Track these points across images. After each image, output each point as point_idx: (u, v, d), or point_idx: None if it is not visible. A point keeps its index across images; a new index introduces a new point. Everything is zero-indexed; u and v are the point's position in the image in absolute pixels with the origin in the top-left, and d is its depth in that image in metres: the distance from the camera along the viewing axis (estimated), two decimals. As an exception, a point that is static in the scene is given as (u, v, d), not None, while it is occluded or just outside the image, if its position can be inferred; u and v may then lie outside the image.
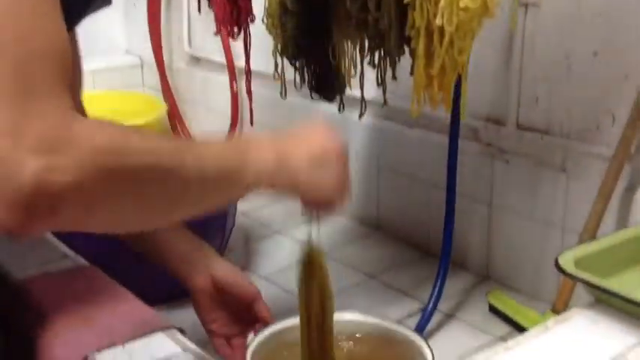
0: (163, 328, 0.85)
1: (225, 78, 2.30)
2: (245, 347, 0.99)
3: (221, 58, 2.30)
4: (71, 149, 0.51)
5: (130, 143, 0.57)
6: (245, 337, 1.00)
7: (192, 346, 0.83)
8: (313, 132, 0.79)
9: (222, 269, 0.97)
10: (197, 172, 0.65)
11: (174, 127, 2.55)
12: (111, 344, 0.81)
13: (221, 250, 1.64)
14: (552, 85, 1.48)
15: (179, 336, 0.85)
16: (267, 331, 0.97)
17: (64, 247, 1.08)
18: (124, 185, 0.56)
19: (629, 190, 1.37)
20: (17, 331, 0.73)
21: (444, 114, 1.47)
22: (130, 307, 0.90)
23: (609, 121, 1.39)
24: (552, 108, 1.49)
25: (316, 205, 0.82)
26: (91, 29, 0.96)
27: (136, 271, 1.11)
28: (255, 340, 0.94)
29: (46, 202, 0.50)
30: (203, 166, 0.66)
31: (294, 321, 0.90)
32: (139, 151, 0.58)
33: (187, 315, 1.10)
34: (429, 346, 0.93)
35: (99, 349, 0.80)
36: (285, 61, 1.48)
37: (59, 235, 1.12)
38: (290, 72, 1.50)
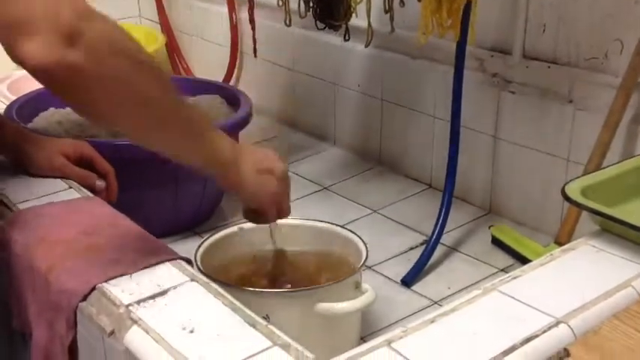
0: (170, 259, 0.86)
1: (224, 9, 2.24)
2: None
3: (219, -13, 2.25)
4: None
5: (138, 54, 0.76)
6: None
7: (200, 275, 0.84)
8: (264, 152, 0.93)
9: (62, 143, 1.12)
10: (173, 104, 0.76)
11: (173, 61, 2.51)
12: (119, 274, 0.81)
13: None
14: (560, 11, 1.44)
15: (186, 266, 0.85)
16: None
17: (68, 180, 1.08)
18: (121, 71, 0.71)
19: (636, 121, 1.35)
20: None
21: (448, 44, 1.44)
22: (136, 237, 0.90)
23: (618, 49, 1.36)
24: (559, 36, 1.46)
25: (252, 212, 0.96)
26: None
27: (138, 203, 1.11)
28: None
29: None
30: (179, 104, 0.77)
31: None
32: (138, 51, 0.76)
33: (191, 248, 1.11)
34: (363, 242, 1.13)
35: (107, 279, 0.80)
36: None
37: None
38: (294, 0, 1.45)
